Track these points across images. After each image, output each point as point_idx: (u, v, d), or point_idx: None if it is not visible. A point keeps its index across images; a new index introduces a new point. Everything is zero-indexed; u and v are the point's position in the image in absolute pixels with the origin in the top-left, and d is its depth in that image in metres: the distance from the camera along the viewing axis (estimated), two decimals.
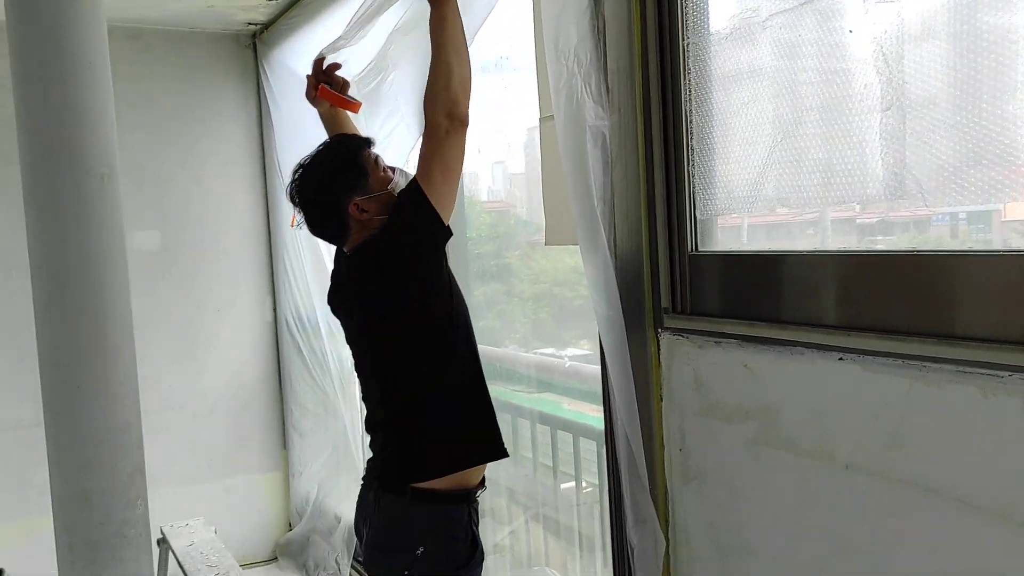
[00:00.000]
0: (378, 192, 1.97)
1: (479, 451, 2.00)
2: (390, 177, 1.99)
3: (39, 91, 1.17)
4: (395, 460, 2.00)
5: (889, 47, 1.37)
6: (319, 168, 2.01)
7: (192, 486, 4.32)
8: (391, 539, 1.96)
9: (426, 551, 1.91)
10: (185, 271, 4.36)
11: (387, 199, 1.97)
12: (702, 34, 1.75)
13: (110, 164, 1.23)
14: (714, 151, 1.76)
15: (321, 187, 1.99)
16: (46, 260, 1.21)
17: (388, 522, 1.97)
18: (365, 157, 1.99)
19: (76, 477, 1.24)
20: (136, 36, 4.17)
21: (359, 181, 1.96)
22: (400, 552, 1.93)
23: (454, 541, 1.94)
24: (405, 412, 1.98)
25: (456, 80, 1.84)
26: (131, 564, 1.29)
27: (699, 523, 1.81)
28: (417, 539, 1.91)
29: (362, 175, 1.97)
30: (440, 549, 1.92)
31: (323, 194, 1.99)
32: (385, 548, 1.98)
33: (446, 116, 1.83)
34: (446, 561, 1.92)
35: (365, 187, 1.96)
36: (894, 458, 1.39)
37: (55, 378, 1.23)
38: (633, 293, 1.90)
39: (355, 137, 2.08)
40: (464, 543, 1.95)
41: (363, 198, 1.96)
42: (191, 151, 4.36)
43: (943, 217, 1.45)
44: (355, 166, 1.98)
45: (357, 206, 1.96)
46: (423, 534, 1.92)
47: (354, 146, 2.02)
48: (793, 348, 1.55)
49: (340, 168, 1.98)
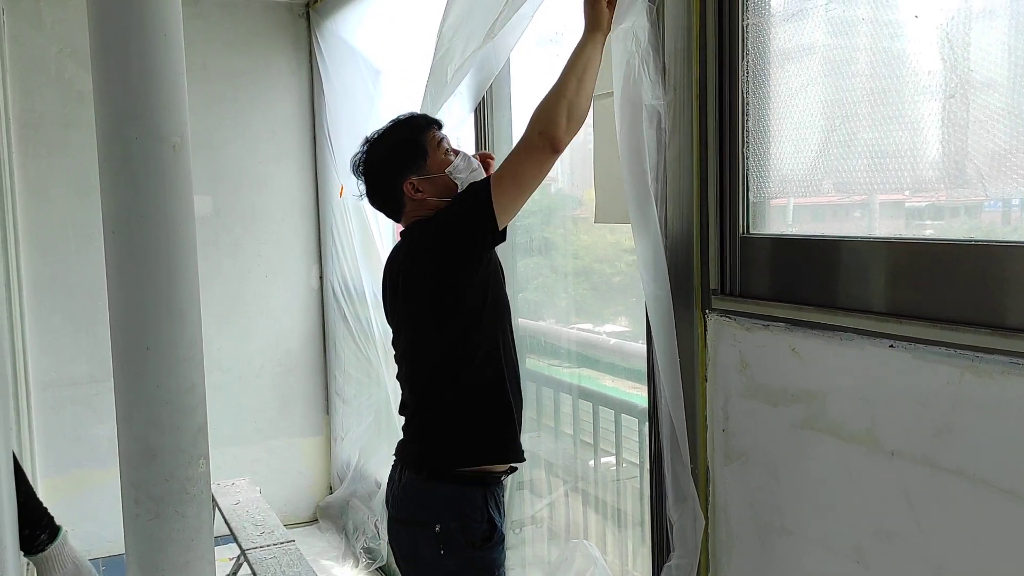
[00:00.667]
0: (435, 174, 2.00)
1: (488, 454, 2.01)
2: (449, 161, 2.01)
3: (117, 62, 1.21)
4: (415, 442, 2.07)
5: (955, 34, 1.36)
6: (383, 144, 2.06)
7: (238, 447, 4.44)
8: (409, 513, 2.04)
9: (443, 528, 1.96)
10: (235, 236, 4.45)
11: (444, 182, 2.00)
12: (763, 15, 1.74)
13: (181, 133, 1.27)
14: (770, 133, 1.76)
15: (381, 162, 2.04)
16: (119, 225, 1.26)
17: (407, 498, 2.05)
18: (428, 138, 2.02)
19: (143, 434, 1.30)
20: (193, 3, 4.23)
21: (416, 161, 2.00)
22: (418, 526, 2.00)
23: (469, 521, 1.97)
24: (426, 400, 2.04)
25: (566, 104, 1.81)
26: (192, 520, 1.34)
27: (739, 503, 1.83)
28: (432, 516, 1.97)
29: (421, 155, 2.00)
30: (455, 527, 1.96)
31: (382, 169, 2.04)
32: (404, 521, 2.06)
33: (540, 134, 1.81)
34: (462, 539, 1.97)
35: (422, 167, 2.00)
36: (941, 447, 1.39)
37: (126, 339, 1.29)
38: (682, 273, 1.91)
39: (423, 117, 2.09)
40: (480, 523, 1.98)
41: (419, 178, 2.00)
42: (243, 118, 4.43)
43: (995, 203, 1.44)
44: (416, 145, 2.01)
45: (412, 184, 2.00)
46: (438, 511, 1.97)
47: (419, 126, 2.04)
48: (843, 334, 1.56)
49: (401, 146, 2.02)
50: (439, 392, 2.01)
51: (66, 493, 4.09)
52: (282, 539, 3.34)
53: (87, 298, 4.07)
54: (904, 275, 1.49)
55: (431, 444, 2.04)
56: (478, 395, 2.00)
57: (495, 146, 2.90)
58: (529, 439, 3.02)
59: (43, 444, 4.10)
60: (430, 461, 2.02)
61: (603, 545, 2.61)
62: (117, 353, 1.31)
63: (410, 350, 2.08)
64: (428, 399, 2.04)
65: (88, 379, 4.14)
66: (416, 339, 2.05)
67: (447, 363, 1.99)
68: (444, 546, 1.97)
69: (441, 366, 2.00)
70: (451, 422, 2.01)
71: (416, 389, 2.08)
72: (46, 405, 4.10)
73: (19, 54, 3.95)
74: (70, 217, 4.06)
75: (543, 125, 1.81)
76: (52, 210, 4.04)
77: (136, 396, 1.30)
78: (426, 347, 2.03)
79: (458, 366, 1.98)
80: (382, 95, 3.71)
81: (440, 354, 2.00)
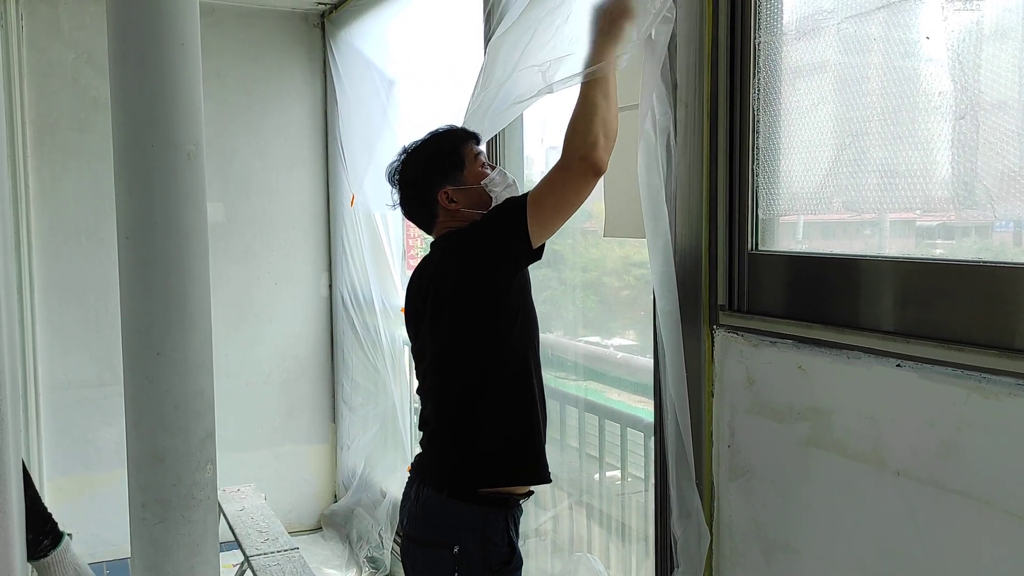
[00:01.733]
0: (470, 185, 1.99)
1: (514, 475, 1.96)
2: (485, 174, 1.99)
3: (135, 70, 1.23)
4: (437, 460, 2.01)
5: (966, 55, 1.37)
6: (420, 154, 2.04)
7: (244, 453, 4.45)
8: (427, 533, 1.97)
9: (462, 550, 1.90)
10: (246, 243, 4.47)
11: (478, 193, 1.98)
12: (774, 33, 1.75)
13: (196, 142, 1.28)
14: (780, 151, 1.77)
15: (417, 171, 2.02)
16: (133, 231, 1.28)
17: (425, 517, 1.98)
18: (466, 150, 2.01)
19: (152, 438, 1.31)
20: (209, 12, 4.27)
21: (453, 171, 1.99)
22: (435, 547, 1.94)
23: (490, 544, 1.92)
24: (451, 416, 1.98)
25: (600, 124, 1.76)
26: (198, 525, 1.35)
27: (744, 519, 1.82)
28: (452, 536, 1.91)
29: (457, 166, 1.99)
30: (475, 549, 1.90)
31: (418, 178, 2.02)
32: (420, 541, 1.99)
33: (581, 159, 1.75)
34: (481, 562, 1.91)
35: (458, 178, 1.99)
36: (947, 467, 1.39)
37: (137, 343, 1.30)
38: (690, 288, 1.91)
39: (461, 129, 2.08)
40: (500, 547, 1.93)
41: (454, 188, 1.98)
42: (256, 126, 4.46)
43: (1006, 223, 1.44)
44: (453, 156, 2.00)
45: (447, 195, 1.98)
46: (458, 532, 1.91)
47: (457, 137, 2.04)
48: (850, 352, 1.56)
49: (438, 155, 2.01)
50: (465, 409, 1.96)
51: (72, 496, 4.10)
52: (286, 546, 3.34)
53: (98, 302, 4.09)
54: (912, 295, 1.49)
55: (455, 462, 1.97)
56: (506, 413, 1.94)
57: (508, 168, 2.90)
58: None
59: (50, 446, 4.12)
60: (453, 479, 1.95)
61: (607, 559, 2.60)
62: (128, 357, 1.32)
63: (435, 364, 2.01)
64: (453, 415, 1.98)
65: (97, 382, 4.16)
66: (443, 353, 1.99)
67: (474, 379, 1.94)
68: (459, 569, 1.90)
69: (468, 382, 1.95)
70: (477, 440, 1.95)
71: (441, 404, 2.01)
72: (54, 407, 4.11)
73: (36, 59, 3.99)
74: (82, 221, 4.09)
75: (583, 150, 1.75)
76: (65, 214, 4.07)
77: (145, 400, 1.31)
78: (453, 362, 1.97)
79: (486, 383, 1.94)
80: (395, 105, 3.73)
81: (468, 370, 1.95)
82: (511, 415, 1.95)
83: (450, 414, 1.98)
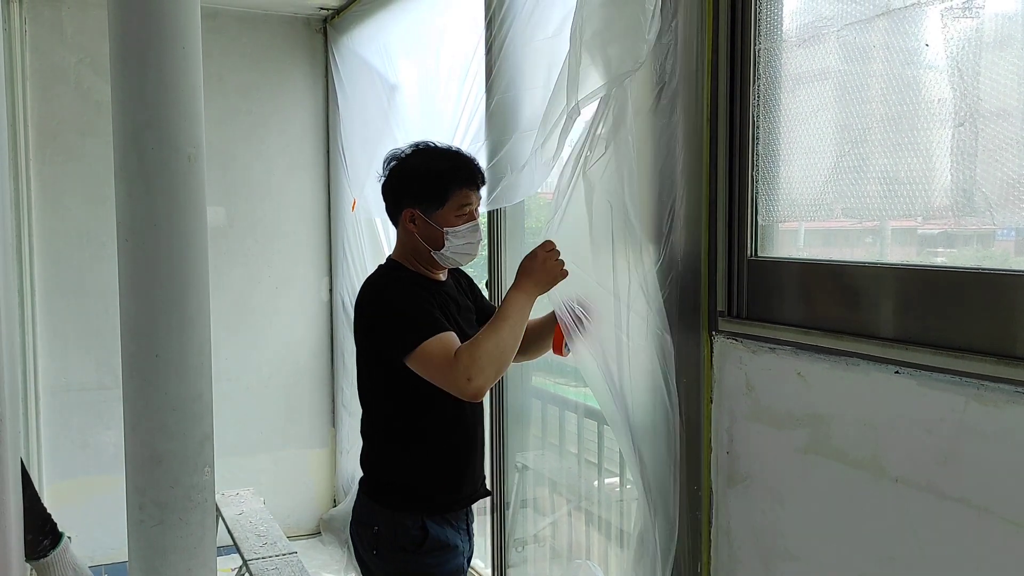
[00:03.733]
0: (434, 224, 2.00)
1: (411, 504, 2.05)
2: (454, 224, 2.00)
3: (136, 73, 1.23)
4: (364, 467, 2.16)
5: (966, 63, 1.37)
6: (424, 159, 2.05)
7: (243, 457, 4.44)
8: (357, 514, 2.14)
9: (379, 530, 2.05)
10: (246, 247, 4.47)
11: (437, 233, 2.00)
12: (775, 40, 1.76)
13: (197, 145, 1.29)
14: (779, 157, 1.77)
15: (406, 174, 2.04)
16: (132, 234, 1.28)
17: (358, 501, 2.15)
18: (455, 194, 2.00)
19: (150, 441, 1.31)
20: (212, 16, 4.28)
21: (431, 203, 2.00)
22: (362, 526, 2.11)
23: (400, 527, 2.03)
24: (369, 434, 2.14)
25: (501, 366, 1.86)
26: (196, 528, 1.35)
27: (742, 526, 1.82)
28: (374, 519, 2.07)
29: (437, 202, 2.00)
30: (389, 530, 2.03)
31: (403, 182, 2.04)
32: (354, 520, 2.16)
33: (469, 380, 1.82)
34: (393, 542, 2.03)
35: (430, 211, 2.00)
36: (945, 474, 1.39)
37: (136, 346, 1.30)
38: (689, 295, 1.91)
39: (471, 172, 2.05)
40: (411, 530, 2.02)
41: (420, 216, 2.01)
42: (257, 131, 4.46)
43: (1008, 232, 1.44)
44: (441, 191, 2.00)
45: (412, 215, 2.02)
46: (375, 514, 2.06)
47: (459, 178, 2.02)
48: (849, 359, 1.56)
49: (429, 179, 2.01)
50: (379, 431, 2.10)
51: (71, 498, 4.10)
52: (284, 551, 3.34)
53: (98, 305, 4.09)
54: (912, 301, 1.49)
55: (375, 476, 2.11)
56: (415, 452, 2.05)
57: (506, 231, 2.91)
58: (533, 457, 3.01)
59: (50, 449, 4.11)
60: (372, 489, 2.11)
61: (606, 565, 2.59)
62: (127, 360, 1.33)
63: (361, 385, 2.13)
64: (371, 432, 2.13)
65: (96, 385, 4.16)
66: (361, 377, 2.11)
67: (383, 409, 2.06)
68: (378, 547, 2.06)
69: (379, 411, 2.08)
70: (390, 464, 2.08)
71: (364, 422, 2.17)
72: (54, 410, 4.11)
73: (39, 63, 4.00)
74: (84, 224, 4.09)
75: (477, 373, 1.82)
76: (66, 217, 4.07)
77: (144, 403, 1.31)
78: (366, 388, 2.10)
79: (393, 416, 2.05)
80: (396, 110, 3.73)
81: (378, 399, 2.07)
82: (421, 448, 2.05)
83: (366, 431, 2.15)
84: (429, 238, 2.01)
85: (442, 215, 1.99)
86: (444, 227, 1.99)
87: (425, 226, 2.00)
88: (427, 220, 2.00)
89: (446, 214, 1.99)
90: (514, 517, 3.03)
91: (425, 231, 2.01)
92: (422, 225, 2.01)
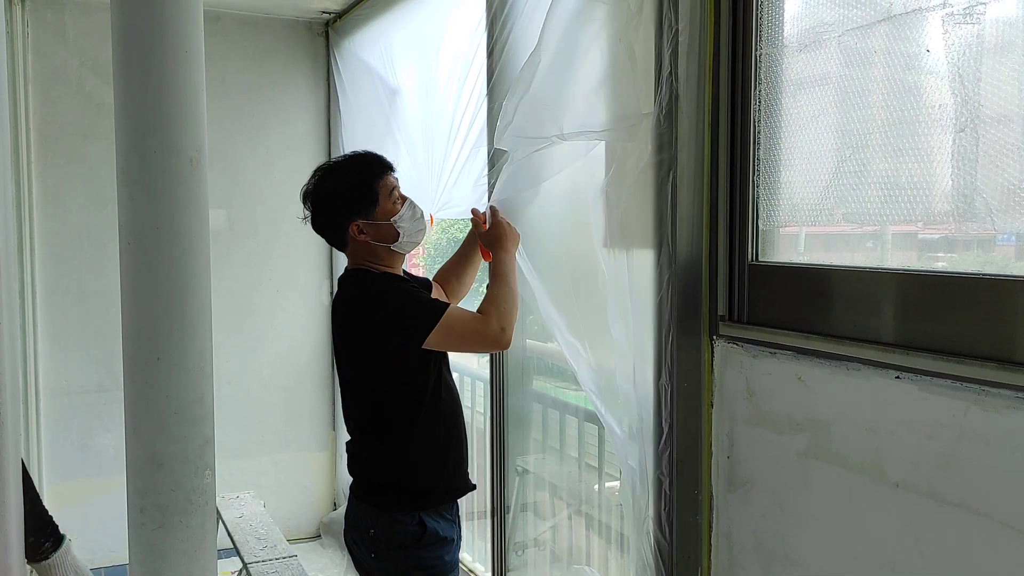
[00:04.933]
0: (381, 220, 2.09)
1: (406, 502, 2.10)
2: (396, 210, 2.10)
3: (139, 76, 1.23)
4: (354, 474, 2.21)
5: (966, 68, 1.37)
6: (335, 179, 2.14)
7: (243, 460, 4.44)
8: (351, 520, 2.20)
9: (376, 532, 2.10)
10: (247, 250, 4.47)
11: (388, 228, 2.09)
12: (776, 45, 1.76)
13: (199, 148, 1.29)
14: (780, 162, 1.77)
15: (330, 197, 2.13)
16: (135, 237, 1.28)
17: (350, 507, 2.21)
18: (381, 185, 2.10)
19: (151, 443, 1.31)
20: (214, 19, 4.28)
21: (366, 207, 2.09)
22: (357, 531, 2.16)
23: (397, 524, 2.08)
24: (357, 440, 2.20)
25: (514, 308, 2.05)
26: (196, 531, 1.35)
27: (743, 530, 1.82)
28: (369, 523, 2.12)
29: (371, 202, 2.09)
30: (386, 531, 2.09)
31: (330, 205, 2.13)
32: (349, 527, 2.21)
33: (503, 329, 1.99)
34: (391, 541, 2.09)
35: (370, 214, 2.09)
36: (946, 479, 1.39)
37: (137, 348, 1.30)
38: (690, 299, 1.91)
39: (379, 161, 2.16)
40: (409, 526, 2.08)
41: (365, 222, 2.09)
42: (259, 134, 4.47)
43: (1009, 237, 1.44)
44: (368, 191, 2.09)
45: (358, 227, 2.10)
46: (370, 516, 2.12)
47: (374, 172, 2.12)
48: (849, 363, 1.56)
49: (353, 189, 2.10)
50: (372, 432, 2.14)
51: (71, 501, 4.09)
52: (284, 554, 3.33)
53: (99, 307, 4.09)
54: (913, 306, 1.49)
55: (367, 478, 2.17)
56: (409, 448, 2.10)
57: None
58: (534, 461, 3.01)
59: (50, 451, 4.11)
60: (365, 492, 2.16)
61: (606, 570, 2.59)
62: (128, 362, 1.33)
63: (347, 392, 2.19)
64: (363, 434, 2.17)
65: (97, 388, 4.16)
66: (351, 385, 2.17)
67: (378, 409, 2.11)
68: (376, 550, 2.11)
69: (374, 412, 2.12)
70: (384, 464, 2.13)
71: (352, 427, 2.21)
72: (54, 412, 4.11)
73: (41, 66, 4.00)
74: (85, 227, 4.10)
75: (507, 322, 2.01)
76: (68, 220, 4.08)
77: (145, 405, 1.31)
78: (358, 398, 2.16)
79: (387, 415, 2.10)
80: (398, 114, 3.74)
81: (373, 400, 2.11)
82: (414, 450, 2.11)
83: (358, 434, 2.19)
84: (383, 236, 2.10)
85: (381, 211, 2.09)
86: (390, 218, 2.09)
87: (374, 228, 2.09)
88: (373, 223, 2.09)
89: (384, 206, 2.09)
90: (514, 521, 3.03)
91: (376, 232, 2.10)
92: (371, 229, 2.09)
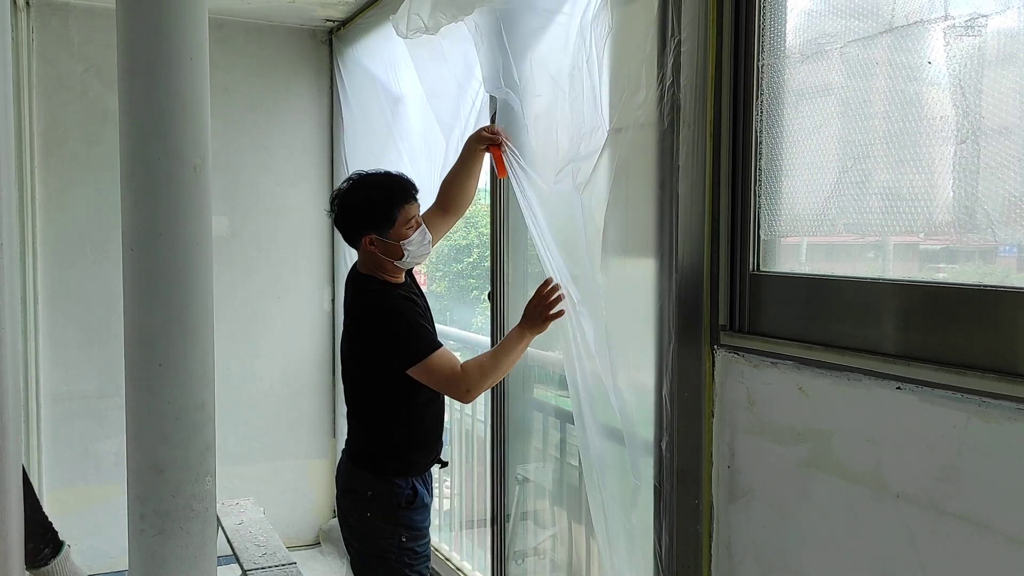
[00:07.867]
0: (391, 240, 2.35)
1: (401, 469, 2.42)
2: (407, 236, 2.35)
3: (144, 83, 1.24)
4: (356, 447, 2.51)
5: (968, 80, 1.38)
6: (363, 194, 2.38)
7: (244, 466, 4.43)
8: (349, 485, 2.48)
9: (373, 493, 2.39)
10: (250, 257, 4.48)
11: (396, 247, 2.35)
12: (778, 56, 1.77)
13: (203, 155, 1.29)
14: (782, 172, 1.77)
15: (352, 210, 2.38)
16: (138, 243, 1.28)
17: (348, 474, 2.49)
18: (401, 212, 2.34)
19: (152, 449, 1.31)
20: (218, 27, 4.30)
21: (382, 225, 2.34)
22: (355, 493, 2.44)
23: (395, 486, 2.39)
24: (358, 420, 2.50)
25: (494, 381, 2.38)
26: (196, 537, 1.35)
27: (744, 541, 1.82)
28: (367, 485, 2.40)
29: (388, 223, 2.34)
30: (385, 492, 2.38)
31: (352, 215, 2.38)
32: (344, 491, 2.50)
33: (467, 391, 2.32)
34: (389, 501, 2.38)
35: (384, 233, 2.35)
36: (947, 491, 1.39)
37: (139, 354, 1.30)
38: (691, 308, 1.91)
39: (406, 188, 2.38)
40: (405, 489, 2.40)
41: (378, 238, 2.35)
42: (262, 142, 4.48)
43: (1010, 248, 1.44)
44: (387, 215, 2.34)
45: (370, 240, 2.36)
46: (368, 481, 2.41)
47: (397, 198, 2.35)
48: (850, 374, 1.56)
49: (375, 208, 2.35)
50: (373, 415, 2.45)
51: (71, 507, 4.09)
52: (284, 561, 3.33)
53: (101, 313, 4.10)
54: (914, 317, 1.49)
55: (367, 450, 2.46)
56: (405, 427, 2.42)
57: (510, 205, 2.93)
58: (534, 469, 3.01)
59: (50, 457, 4.11)
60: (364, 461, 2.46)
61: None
62: (129, 368, 1.33)
63: (349, 380, 2.49)
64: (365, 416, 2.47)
65: (98, 394, 4.16)
66: (352, 375, 2.46)
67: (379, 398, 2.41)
68: (372, 509, 2.38)
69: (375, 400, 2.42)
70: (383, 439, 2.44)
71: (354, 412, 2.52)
72: (55, 418, 4.11)
73: (46, 72, 4.01)
74: (88, 233, 4.10)
75: (476, 389, 2.32)
76: (71, 225, 4.08)
77: (146, 411, 1.31)
78: (360, 386, 2.46)
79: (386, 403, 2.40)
80: (400, 122, 3.74)
81: (374, 390, 2.40)
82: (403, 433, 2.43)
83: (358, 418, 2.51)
84: (390, 253, 2.36)
85: (395, 232, 2.34)
86: (400, 241, 2.34)
87: (384, 245, 2.35)
88: (384, 240, 2.35)
89: (398, 230, 2.34)
90: (514, 529, 3.02)
91: (385, 249, 2.36)
92: (381, 245, 2.36)
